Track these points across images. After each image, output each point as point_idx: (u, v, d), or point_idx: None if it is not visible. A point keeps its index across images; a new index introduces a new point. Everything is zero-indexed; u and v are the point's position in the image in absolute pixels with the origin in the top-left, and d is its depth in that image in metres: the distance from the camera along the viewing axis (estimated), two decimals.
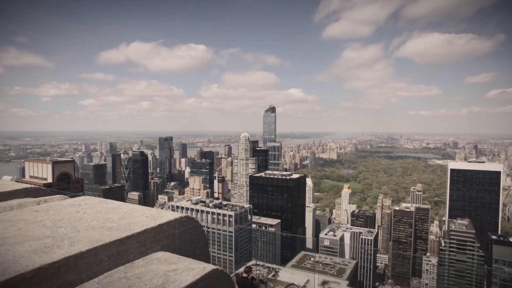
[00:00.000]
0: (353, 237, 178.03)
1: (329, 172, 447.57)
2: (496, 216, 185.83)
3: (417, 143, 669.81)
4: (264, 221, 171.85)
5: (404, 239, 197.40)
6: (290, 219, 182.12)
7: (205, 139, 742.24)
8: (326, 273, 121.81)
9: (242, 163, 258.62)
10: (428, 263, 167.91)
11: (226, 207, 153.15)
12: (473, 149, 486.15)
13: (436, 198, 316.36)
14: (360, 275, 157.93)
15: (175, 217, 5.03)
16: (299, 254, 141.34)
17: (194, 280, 3.55)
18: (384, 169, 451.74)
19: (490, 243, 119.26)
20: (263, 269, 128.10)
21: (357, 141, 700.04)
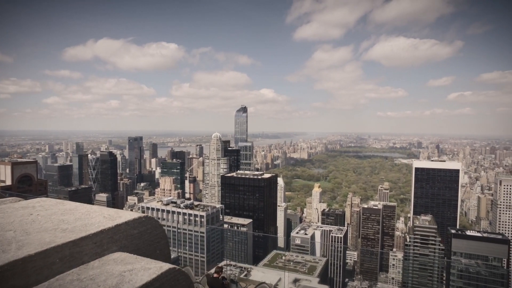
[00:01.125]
0: (323, 235, 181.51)
1: (300, 171, 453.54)
2: (455, 211, 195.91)
3: (385, 143, 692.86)
4: (236, 221, 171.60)
5: (372, 235, 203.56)
6: (261, 219, 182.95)
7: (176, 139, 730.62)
8: (297, 271, 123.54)
9: (214, 163, 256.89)
10: (394, 258, 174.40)
11: (197, 208, 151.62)
12: (436, 148, 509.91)
13: (402, 196, 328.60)
14: (330, 272, 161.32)
15: (133, 217, 4.97)
16: (271, 253, 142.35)
17: (149, 279, 3.54)
18: (353, 168, 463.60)
19: (449, 237, 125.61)
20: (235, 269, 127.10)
21: (327, 141, 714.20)
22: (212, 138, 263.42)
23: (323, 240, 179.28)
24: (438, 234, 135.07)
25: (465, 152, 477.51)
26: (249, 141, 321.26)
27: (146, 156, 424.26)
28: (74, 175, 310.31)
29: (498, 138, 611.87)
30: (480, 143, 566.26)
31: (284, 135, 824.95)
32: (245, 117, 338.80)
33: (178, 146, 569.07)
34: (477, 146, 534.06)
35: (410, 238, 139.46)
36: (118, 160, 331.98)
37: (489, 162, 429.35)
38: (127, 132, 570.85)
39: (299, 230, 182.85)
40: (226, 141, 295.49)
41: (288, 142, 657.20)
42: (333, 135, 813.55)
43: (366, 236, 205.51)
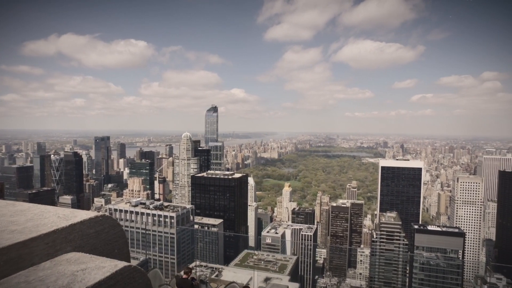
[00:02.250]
0: (294, 233, 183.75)
1: (270, 171, 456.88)
2: (418, 207, 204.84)
3: (352, 142, 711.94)
4: (206, 221, 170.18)
5: (341, 233, 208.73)
6: (232, 219, 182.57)
7: (145, 138, 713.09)
8: (268, 270, 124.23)
9: (184, 163, 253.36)
10: (362, 254, 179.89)
11: (167, 208, 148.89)
12: (400, 148, 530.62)
13: (369, 194, 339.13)
14: (300, 269, 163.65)
15: (90, 216, 4.80)
16: (242, 252, 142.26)
17: (103, 277, 3.50)
18: (322, 168, 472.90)
19: (413, 232, 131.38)
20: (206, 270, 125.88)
21: (297, 140, 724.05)
22: (182, 138, 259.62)
23: (293, 239, 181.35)
24: (403, 230, 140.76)
25: (427, 151, 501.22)
26: (219, 141, 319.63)
27: (113, 156, 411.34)
28: (35, 177, 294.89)
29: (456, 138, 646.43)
30: (440, 142, 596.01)
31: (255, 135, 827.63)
32: (215, 116, 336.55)
33: (147, 146, 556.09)
34: (437, 146, 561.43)
35: (377, 235, 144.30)
36: (83, 160, 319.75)
37: (448, 160, 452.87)
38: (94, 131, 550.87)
39: (270, 229, 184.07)
40: (197, 141, 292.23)
41: (258, 142, 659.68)
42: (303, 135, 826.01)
43: (335, 234, 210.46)
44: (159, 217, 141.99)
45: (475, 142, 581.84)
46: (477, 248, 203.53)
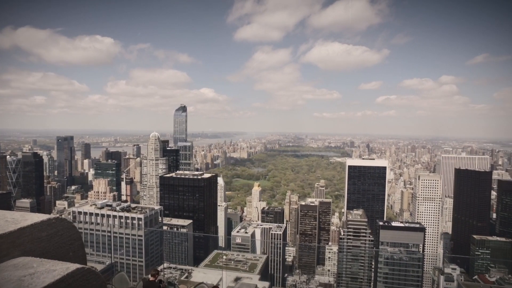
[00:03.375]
0: (263, 232, 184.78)
1: (240, 171, 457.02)
2: (383, 205, 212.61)
3: (321, 142, 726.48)
4: (175, 222, 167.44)
5: (310, 231, 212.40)
6: (202, 219, 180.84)
7: (111, 138, 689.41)
8: (238, 269, 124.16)
9: (152, 163, 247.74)
10: (330, 251, 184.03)
11: (135, 210, 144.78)
12: (366, 147, 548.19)
13: (337, 192, 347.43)
14: (270, 268, 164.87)
15: (41, 219, 4.52)
16: (212, 253, 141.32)
17: (53, 281, 3.41)
18: (291, 167, 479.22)
19: (378, 229, 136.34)
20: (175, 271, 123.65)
21: (267, 140, 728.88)
22: (150, 138, 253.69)
23: (263, 238, 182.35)
24: (368, 227, 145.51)
25: (391, 150, 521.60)
26: (188, 140, 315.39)
27: (77, 157, 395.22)
28: None
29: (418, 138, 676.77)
30: (403, 142, 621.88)
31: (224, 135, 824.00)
32: (184, 116, 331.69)
33: (113, 146, 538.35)
34: (401, 145, 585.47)
35: (344, 232, 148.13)
36: (44, 161, 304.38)
37: (410, 159, 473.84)
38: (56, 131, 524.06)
39: (240, 229, 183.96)
40: (165, 140, 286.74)
41: (228, 141, 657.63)
42: (272, 135, 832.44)
43: (304, 232, 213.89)
44: (126, 219, 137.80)
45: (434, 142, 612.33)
46: (436, 242, 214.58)
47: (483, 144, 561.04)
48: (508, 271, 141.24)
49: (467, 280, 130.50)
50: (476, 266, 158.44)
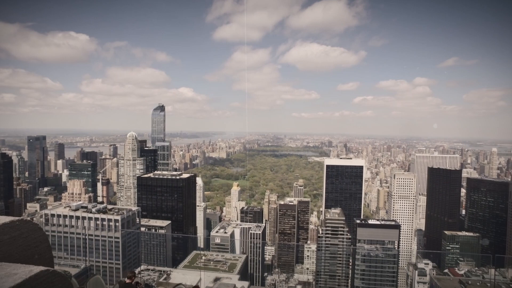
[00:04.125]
0: (243, 232, 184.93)
1: (219, 170, 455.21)
2: (360, 203, 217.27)
3: (299, 142, 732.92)
4: (153, 223, 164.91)
5: (289, 230, 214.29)
6: (181, 220, 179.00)
7: (86, 138, 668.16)
8: (218, 269, 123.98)
9: (129, 163, 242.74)
10: (308, 250, 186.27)
11: (111, 211, 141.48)
12: (344, 147, 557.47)
13: (315, 191, 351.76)
14: (250, 268, 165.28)
15: (3, 222, 4.47)
16: (191, 254, 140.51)
17: (13, 285, 3.28)
18: (270, 167, 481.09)
19: (355, 227, 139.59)
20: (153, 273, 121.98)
21: (246, 140, 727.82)
22: (128, 138, 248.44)
23: (242, 238, 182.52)
24: (346, 225, 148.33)
25: (367, 150, 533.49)
26: (167, 140, 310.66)
27: (50, 157, 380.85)
28: None
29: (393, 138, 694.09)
30: (379, 142, 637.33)
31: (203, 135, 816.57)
32: (162, 116, 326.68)
33: (89, 146, 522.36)
34: (377, 145, 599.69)
35: (322, 230, 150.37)
36: (14, 162, 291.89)
37: (386, 158, 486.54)
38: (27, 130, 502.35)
39: (219, 229, 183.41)
40: (143, 140, 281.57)
41: (207, 141, 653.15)
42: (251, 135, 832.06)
43: (283, 231, 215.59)
44: (103, 221, 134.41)
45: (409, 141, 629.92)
46: (410, 238, 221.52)
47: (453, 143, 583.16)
48: (475, 264, 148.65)
49: (438, 274, 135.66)
50: (447, 260, 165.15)
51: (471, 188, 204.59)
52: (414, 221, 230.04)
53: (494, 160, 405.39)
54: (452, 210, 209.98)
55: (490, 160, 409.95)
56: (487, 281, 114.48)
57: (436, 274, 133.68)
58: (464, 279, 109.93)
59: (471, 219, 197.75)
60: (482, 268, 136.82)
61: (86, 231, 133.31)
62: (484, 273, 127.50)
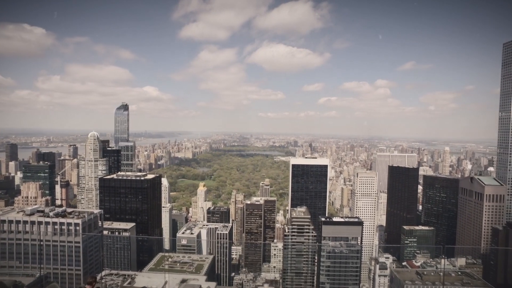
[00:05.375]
0: (209, 233, 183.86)
1: (185, 171, 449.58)
2: (325, 201, 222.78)
3: (265, 142, 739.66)
4: (117, 226, 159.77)
5: (255, 229, 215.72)
6: (145, 222, 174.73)
7: (43, 138, 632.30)
8: (184, 271, 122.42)
9: (91, 164, 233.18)
10: (275, 248, 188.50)
11: (71, 215, 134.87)
12: (309, 147, 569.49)
13: (281, 191, 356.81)
14: (217, 268, 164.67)
15: None
16: (157, 256, 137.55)
17: None
18: (236, 167, 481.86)
19: (320, 224, 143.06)
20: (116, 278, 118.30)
21: (212, 140, 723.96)
22: (89, 138, 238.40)
23: (209, 238, 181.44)
24: (311, 223, 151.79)
25: (332, 149, 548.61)
26: (130, 140, 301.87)
27: (1, 158, 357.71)
28: None
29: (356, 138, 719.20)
30: (343, 141, 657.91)
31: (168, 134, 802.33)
32: (126, 115, 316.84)
33: (46, 146, 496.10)
34: (341, 144, 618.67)
35: (289, 229, 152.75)
36: None
37: (349, 158, 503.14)
38: None
39: (185, 230, 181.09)
40: (105, 140, 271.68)
41: (172, 141, 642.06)
42: (217, 135, 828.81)
43: (250, 231, 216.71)
44: (61, 225, 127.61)
45: (371, 141, 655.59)
46: (372, 234, 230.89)
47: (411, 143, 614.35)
48: (430, 255, 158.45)
49: (398, 267, 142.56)
50: (405, 253, 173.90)
51: (427, 185, 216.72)
52: (376, 217, 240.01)
53: (447, 159, 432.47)
54: (410, 206, 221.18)
55: (443, 159, 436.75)
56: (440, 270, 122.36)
57: (396, 267, 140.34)
58: (420, 270, 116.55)
59: (427, 214, 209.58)
60: (436, 259, 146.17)
61: (43, 236, 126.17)
62: (437, 263, 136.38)
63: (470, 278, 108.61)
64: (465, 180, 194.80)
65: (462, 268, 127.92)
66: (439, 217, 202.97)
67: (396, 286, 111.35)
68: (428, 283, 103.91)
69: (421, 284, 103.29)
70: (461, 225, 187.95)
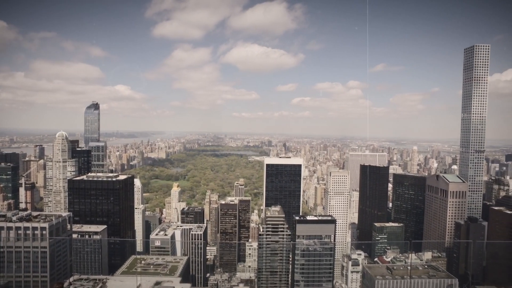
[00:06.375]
0: (183, 234, 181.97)
1: (158, 171, 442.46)
2: (299, 200, 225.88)
3: (240, 141, 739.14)
4: (87, 228, 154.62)
5: (230, 229, 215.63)
6: (118, 224, 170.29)
7: (5, 138, 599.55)
8: (158, 273, 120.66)
9: (59, 165, 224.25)
10: (250, 248, 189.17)
11: (37, 219, 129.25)
12: (283, 146, 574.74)
13: (256, 190, 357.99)
14: (192, 269, 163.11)
15: None
16: (130, 259, 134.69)
17: None
18: (211, 167, 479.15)
19: (294, 223, 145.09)
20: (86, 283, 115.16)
21: (186, 140, 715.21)
22: (57, 138, 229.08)
23: (183, 239, 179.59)
24: (286, 222, 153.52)
25: (305, 149, 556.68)
26: (102, 140, 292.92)
27: None
28: None
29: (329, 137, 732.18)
30: (317, 141, 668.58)
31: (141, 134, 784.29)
32: (97, 114, 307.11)
33: (8, 147, 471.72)
34: (314, 144, 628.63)
35: (263, 228, 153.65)
36: None
37: (322, 157, 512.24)
38: None
39: (159, 231, 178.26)
40: (75, 140, 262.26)
41: (145, 141, 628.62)
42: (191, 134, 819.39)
43: (225, 231, 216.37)
44: (26, 230, 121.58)
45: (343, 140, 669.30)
46: (345, 231, 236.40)
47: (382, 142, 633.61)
48: (399, 250, 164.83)
49: (369, 262, 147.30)
50: (376, 249, 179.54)
51: (396, 183, 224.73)
52: (348, 215, 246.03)
53: (415, 157, 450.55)
54: (381, 203, 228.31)
55: (411, 157, 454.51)
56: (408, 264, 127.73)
57: (368, 263, 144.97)
58: (390, 265, 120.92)
59: (397, 211, 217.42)
60: (405, 254, 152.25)
61: (4, 243, 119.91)
62: (406, 258, 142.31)
63: (436, 270, 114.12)
64: (432, 178, 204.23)
65: (428, 262, 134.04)
66: (408, 214, 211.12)
67: (368, 281, 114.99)
68: (397, 277, 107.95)
69: (391, 278, 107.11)
70: (427, 221, 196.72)
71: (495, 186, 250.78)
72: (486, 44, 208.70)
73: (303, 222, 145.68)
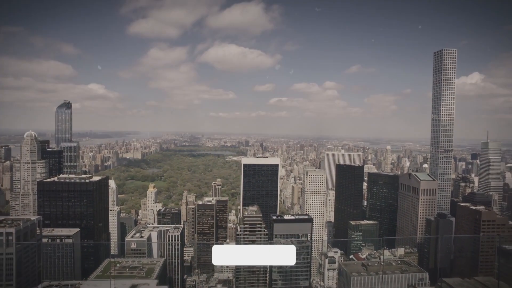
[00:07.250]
0: (160, 235, 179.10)
1: (134, 172, 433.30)
2: (276, 200, 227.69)
3: (217, 141, 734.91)
4: (59, 232, 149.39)
5: (207, 230, 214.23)
6: (91, 226, 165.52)
7: None
8: (134, 276, 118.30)
9: (27, 167, 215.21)
10: None
11: (2, 223, 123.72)
12: (260, 146, 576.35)
13: (233, 190, 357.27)
14: (169, 271, 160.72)
15: None
16: (104, 262, 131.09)
17: None
18: (188, 167, 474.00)
19: (272, 223, 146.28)
20: None
21: (162, 140, 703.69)
22: (25, 138, 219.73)
23: (160, 241, 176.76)
24: (263, 221, 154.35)
25: (282, 149, 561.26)
26: (74, 141, 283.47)
27: None
28: None
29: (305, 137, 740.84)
30: (293, 141, 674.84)
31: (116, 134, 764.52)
32: (69, 113, 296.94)
33: None
34: (291, 144, 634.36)
35: (241, 228, 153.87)
36: None
37: (299, 157, 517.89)
38: None
39: (134, 233, 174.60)
40: (45, 141, 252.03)
41: (120, 141, 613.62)
42: (167, 134, 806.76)
43: (202, 231, 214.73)
44: None
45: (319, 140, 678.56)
46: (321, 230, 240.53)
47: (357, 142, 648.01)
48: (374, 247, 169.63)
49: (345, 260, 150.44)
50: (352, 247, 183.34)
51: (371, 181, 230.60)
52: (325, 214, 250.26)
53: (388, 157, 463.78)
54: (356, 202, 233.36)
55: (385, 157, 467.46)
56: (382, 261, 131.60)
57: (344, 260, 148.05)
58: (365, 262, 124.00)
59: (371, 209, 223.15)
60: (379, 251, 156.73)
61: None
62: (380, 254, 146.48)
63: (408, 265, 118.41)
64: (404, 176, 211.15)
65: (401, 257, 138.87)
66: (382, 212, 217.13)
67: (344, 278, 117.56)
68: (372, 274, 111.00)
69: (366, 275, 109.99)
70: (400, 218, 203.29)
71: (462, 184, 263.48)
72: (454, 48, 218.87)
73: (280, 222, 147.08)
